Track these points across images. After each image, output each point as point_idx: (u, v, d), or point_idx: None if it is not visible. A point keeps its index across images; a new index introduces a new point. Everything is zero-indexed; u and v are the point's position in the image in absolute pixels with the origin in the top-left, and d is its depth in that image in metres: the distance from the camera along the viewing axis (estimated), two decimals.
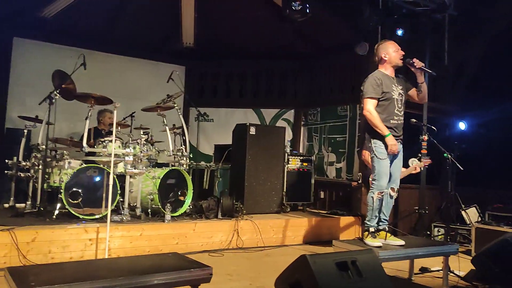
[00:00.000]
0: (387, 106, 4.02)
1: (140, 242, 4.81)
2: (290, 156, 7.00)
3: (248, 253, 5.30)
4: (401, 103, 4.10)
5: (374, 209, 4.03)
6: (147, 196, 5.35)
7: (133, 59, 8.36)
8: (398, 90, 4.08)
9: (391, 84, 4.06)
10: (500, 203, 6.56)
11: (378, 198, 4.02)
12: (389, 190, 4.11)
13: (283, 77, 8.88)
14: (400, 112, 4.07)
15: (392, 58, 4.10)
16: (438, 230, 6.73)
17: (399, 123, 4.08)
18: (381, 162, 3.99)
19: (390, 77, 4.11)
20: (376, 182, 4.01)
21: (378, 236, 4.05)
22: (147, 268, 2.83)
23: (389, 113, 4.02)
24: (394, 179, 4.12)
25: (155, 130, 6.22)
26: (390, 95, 4.02)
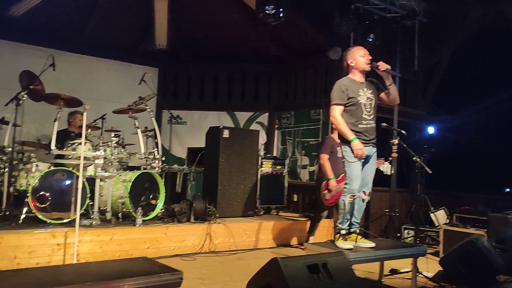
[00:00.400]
0: (354, 111, 4.07)
1: (110, 246, 4.72)
2: (264, 159, 7.02)
3: (220, 256, 5.28)
4: (370, 107, 4.12)
5: (346, 212, 4.07)
6: (118, 200, 5.26)
7: (105, 60, 8.22)
8: (366, 95, 4.11)
9: (358, 89, 4.10)
10: (467, 206, 6.74)
11: (349, 202, 4.05)
12: (361, 193, 4.15)
13: (257, 80, 8.90)
14: (369, 116, 4.11)
15: (358, 63, 4.14)
16: (408, 232, 6.85)
17: (368, 127, 4.11)
18: (351, 165, 4.03)
19: (358, 82, 4.15)
20: (348, 185, 4.05)
21: (349, 238, 4.09)
22: (116, 273, 2.77)
23: (357, 117, 4.07)
24: (366, 183, 4.16)
25: (126, 133, 6.12)
26: (357, 100, 4.06)
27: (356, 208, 4.14)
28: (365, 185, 4.14)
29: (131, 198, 5.25)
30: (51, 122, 5.00)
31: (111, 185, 5.30)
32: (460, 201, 7.06)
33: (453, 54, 7.78)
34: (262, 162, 6.95)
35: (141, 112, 5.96)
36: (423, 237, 6.67)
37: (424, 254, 4.24)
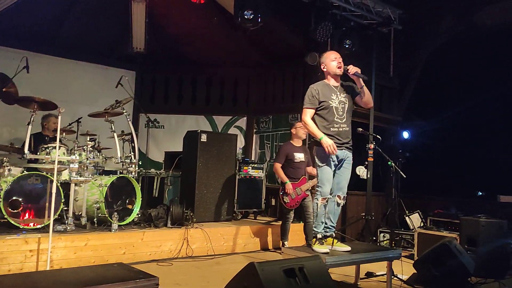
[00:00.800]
0: (326, 114, 4.13)
1: (84, 252, 4.65)
2: (242, 164, 7.02)
3: (197, 261, 5.25)
4: (343, 111, 4.17)
5: (319, 215, 4.11)
6: (93, 205, 5.18)
7: (81, 63, 8.10)
8: (339, 98, 4.17)
9: (330, 93, 4.17)
10: (440, 209, 6.88)
11: (322, 204, 4.10)
12: (336, 197, 4.19)
13: (235, 84, 8.91)
14: (341, 119, 4.15)
15: (330, 68, 4.22)
16: (383, 236, 6.96)
17: (341, 130, 4.15)
18: (322, 169, 4.09)
19: (331, 86, 4.22)
20: (319, 188, 4.10)
21: (325, 242, 4.13)
22: (91, 280, 2.73)
23: (329, 121, 4.13)
24: (341, 187, 4.20)
25: (102, 137, 6.04)
26: (328, 104, 4.12)
27: (331, 212, 4.19)
28: (340, 189, 4.19)
29: (107, 203, 5.19)
30: (25, 125, 4.90)
31: (86, 190, 5.22)
32: (434, 205, 7.21)
33: (427, 61, 7.95)
34: (240, 166, 6.96)
35: (117, 115, 5.90)
36: (398, 240, 6.79)
37: (398, 257, 4.31)
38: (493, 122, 7.11)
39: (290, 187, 5.69)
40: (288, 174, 5.79)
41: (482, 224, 5.16)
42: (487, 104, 7.24)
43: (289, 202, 5.73)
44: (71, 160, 5.03)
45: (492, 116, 7.14)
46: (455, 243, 4.44)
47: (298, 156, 5.84)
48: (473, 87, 7.44)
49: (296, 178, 5.81)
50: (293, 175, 5.81)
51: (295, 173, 5.82)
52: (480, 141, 7.22)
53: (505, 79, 7.08)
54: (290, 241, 5.98)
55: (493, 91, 7.22)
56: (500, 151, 6.88)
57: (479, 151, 7.19)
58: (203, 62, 8.62)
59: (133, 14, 7.11)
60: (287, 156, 5.82)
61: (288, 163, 5.83)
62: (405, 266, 4.57)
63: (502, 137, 6.92)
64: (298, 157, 5.84)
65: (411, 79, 8.18)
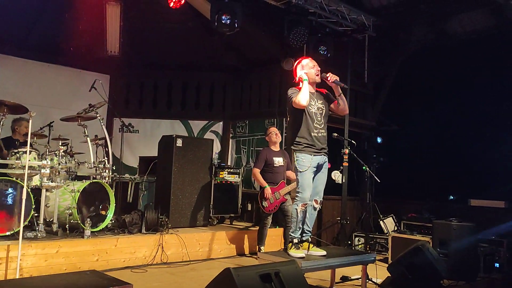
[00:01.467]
0: (306, 120, 4.18)
1: (56, 260, 4.53)
2: (218, 169, 7.00)
3: (172, 268, 5.18)
4: (321, 117, 4.24)
5: (298, 221, 4.13)
6: (65, 211, 5.06)
7: (53, 66, 7.92)
8: (317, 105, 4.23)
9: (309, 99, 4.20)
10: (414, 213, 7.00)
11: (302, 210, 4.12)
12: (313, 202, 4.22)
13: (211, 89, 8.88)
14: (320, 125, 4.22)
15: (308, 74, 4.25)
16: (358, 240, 7.03)
17: (319, 135, 4.21)
18: (302, 175, 4.11)
19: (309, 92, 4.24)
20: (300, 194, 4.12)
21: (301, 247, 4.15)
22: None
23: (308, 126, 4.17)
24: (317, 192, 4.24)
25: (75, 141, 5.93)
26: (307, 109, 4.18)
27: (308, 217, 4.21)
28: (316, 194, 4.22)
29: (79, 209, 5.08)
30: None
31: (58, 196, 5.10)
32: (407, 209, 7.33)
33: (400, 67, 8.11)
34: (216, 171, 6.93)
35: (91, 120, 5.81)
36: (373, 244, 6.87)
37: (373, 261, 4.36)
38: (464, 127, 7.29)
39: (269, 192, 5.69)
40: (267, 178, 5.79)
41: (453, 227, 5.26)
42: (458, 109, 7.44)
43: (267, 206, 5.72)
44: (42, 165, 4.91)
45: (463, 121, 7.33)
46: (428, 246, 4.52)
47: (277, 160, 5.86)
48: (445, 93, 7.63)
49: (275, 182, 5.82)
50: (272, 179, 5.81)
51: (274, 178, 5.83)
52: (451, 146, 7.40)
53: (475, 85, 7.29)
54: (267, 246, 5.97)
55: (464, 97, 7.42)
56: (471, 156, 7.07)
57: (451, 156, 7.37)
58: (179, 66, 8.56)
59: (108, 17, 7.01)
60: (266, 160, 5.83)
61: (267, 168, 5.84)
62: (379, 270, 4.62)
63: (473, 142, 7.10)
64: (277, 161, 5.86)
65: (385, 85, 8.32)
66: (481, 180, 6.86)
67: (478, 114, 7.18)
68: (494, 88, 7.00)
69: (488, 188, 6.68)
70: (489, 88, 7.08)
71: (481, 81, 7.22)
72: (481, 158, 6.88)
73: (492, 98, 6.95)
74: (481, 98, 7.15)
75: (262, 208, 5.75)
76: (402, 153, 8.07)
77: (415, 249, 4.42)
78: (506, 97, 6.76)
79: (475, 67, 7.29)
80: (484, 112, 7.09)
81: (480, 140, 7.03)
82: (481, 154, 6.92)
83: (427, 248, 4.46)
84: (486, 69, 7.15)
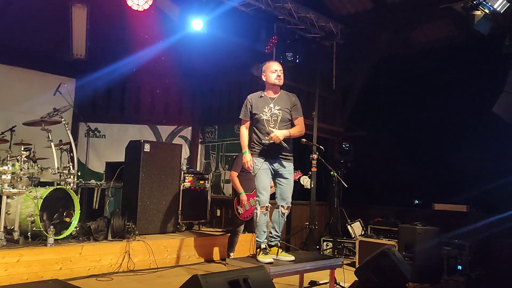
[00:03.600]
0: (259, 126, 4.22)
1: (17, 269, 4.37)
2: (186, 174, 6.93)
3: (139, 275, 5.09)
4: (275, 123, 4.17)
5: (260, 224, 4.13)
6: (27, 218, 4.88)
7: (16, 69, 7.67)
8: (272, 111, 4.19)
9: (263, 105, 4.21)
10: (380, 217, 7.13)
11: (262, 213, 4.12)
12: (280, 207, 4.23)
13: (180, 94, 8.81)
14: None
15: (268, 78, 4.25)
16: (327, 244, 7.10)
17: (272, 141, 4.13)
18: (256, 177, 4.16)
19: (266, 97, 4.25)
20: (257, 198, 4.15)
21: (270, 252, 4.15)
22: None
23: (261, 132, 4.20)
24: (284, 197, 4.23)
25: (38, 146, 5.77)
26: (259, 116, 4.20)
27: (276, 222, 4.23)
28: (283, 199, 4.23)
29: (42, 216, 4.92)
30: None
31: (20, 202, 4.92)
32: (374, 213, 7.45)
33: (368, 74, 8.28)
34: (185, 177, 6.86)
35: (55, 124, 5.67)
36: (341, 249, 6.95)
37: (341, 266, 4.41)
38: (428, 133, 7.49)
39: (245, 198, 5.61)
40: (243, 185, 5.70)
41: (418, 231, 5.38)
42: (423, 116, 7.65)
43: (243, 213, 5.66)
44: (3, 171, 4.75)
45: (427, 127, 7.53)
46: (393, 250, 4.60)
47: None
48: (410, 100, 7.83)
49: (249, 189, 5.69)
50: (248, 186, 5.69)
51: (250, 184, 5.66)
52: (416, 152, 7.58)
53: (438, 92, 7.52)
54: (236, 251, 5.94)
55: (428, 103, 7.64)
56: (435, 161, 7.27)
57: (415, 161, 7.55)
58: (147, 70, 8.45)
59: (74, 19, 6.88)
60: (242, 167, 5.76)
61: (243, 173, 5.74)
62: (347, 274, 4.68)
63: (437, 148, 7.31)
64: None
65: (353, 91, 8.46)
66: (445, 185, 7.06)
67: (442, 120, 7.39)
68: (457, 95, 7.24)
69: (451, 193, 6.88)
70: (452, 95, 7.31)
71: (444, 89, 7.45)
72: (445, 164, 7.09)
73: (455, 105, 7.18)
74: (444, 105, 7.38)
75: (237, 214, 5.67)
76: (369, 158, 8.21)
77: (381, 253, 4.49)
78: (468, 104, 7.00)
79: (438, 75, 7.52)
80: (447, 118, 7.31)
81: (443, 146, 7.24)
82: (445, 159, 7.12)
83: (393, 252, 4.54)
84: (448, 77, 7.38)
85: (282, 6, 6.43)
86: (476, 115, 6.82)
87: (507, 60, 5.73)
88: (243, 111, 4.27)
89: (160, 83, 8.72)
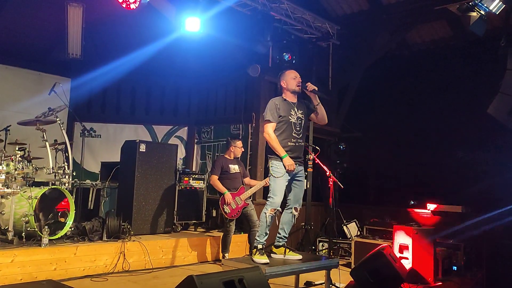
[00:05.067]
0: (285, 129, 4.25)
1: (11, 269, 4.34)
2: (182, 175, 6.91)
3: (134, 276, 5.07)
4: (300, 127, 4.32)
5: (266, 226, 4.16)
6: (22, 218, 4.86)
7: (10, 68, 7.60)
8: (297, 115, 4.32)
9: (289, 108, 4.30)
10: (376, 218, 7.14)
11: (270, 215, 4.15)
12: (293, 210, 4.28)
13: (176, 94, 8.78)
14: (298, 135, 4.30)
15: (289, 85, 4.35)
16: (322, 245, 7.10)
17: (297, 145, 4.28)
18: (277, 180, 4.16)
19: (289, 102, 4.34)
20: (271, 199, 4.16)
21: (277, 252, 4.23)
22: None
23: (287, 135, 4.24)
24: (297, 200, 4.31)
25: (33, 146, 5.73)
26: (288, 119, 4.26)
27: (287, 223, 4.29)
28: (297, 201, 4.31)
29: (37, 216, 4.90)
30: None
31: (14, 202, 4.90)
32: (370, 214, 7.46)
33: (364, 75, 8.30)
34: (181, 177, 6.84)
35: (50, 124, 5.64)
36: (337, 249, 6.95)
37: (336, 266, 4.41)
38: (424, 134, 7.51)
39: (230, 197, 5.69)
40: (226, 185, 5.79)
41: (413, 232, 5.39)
42: (419, 116, 7.67)
43: (230, 212, 5.71)
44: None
45: (424, 128, 7.55)
46: (389, 251, 4.61)
47: (233, 167, 5.92)
48: (406, 100, 7.85)
49: (234, 188, 5.83)
50: (231, 185, 5.83)
51: (232, 184, 5.85)
52: (412, 153, 7.60)
53: (434, 93, 7.54)
54: (231, 252, 5.94)
55: (424, 105, 7.66)
56: (430, 162, 7.29)
57: (411, 162, 7.57)
58: (143, 70, 8.42)
59: (69, 18, 6.84)
60: (222, 168, 5.87)
61: (224, 175, 5.86)
62: (342, 275, 4.67)
63: (433, 148, 7.33)
64: (233, 168, 5.91)
65: (349, 92, 8.48)
66: (440, 185, 7.07)
67: (437, 121, 7.42)
68: (452, 96, 7.26)
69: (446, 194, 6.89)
70: (447, 96, 7.33)
71: (439, 90, 7.47)
72: (440, 164, 7.10)
73: (450, 106, 7.21)
74: (439, 106, 7.40)
75: (224, 214, 5.73)
76: (365, 159, 8.23)
77: (377, 253, 4.50)
78: (464, 105, 7.02)
79: (434, 76, 7.54)
80: (443, 119, 7.33)
81: (438, 147, 7.27)
82: (440, 160, 7.14)
83: (389, 252, 4.55)
84: (444, 78, 7.41)
85: (279, 7, 6.43)
86: (471, 116, 6.84)
87: (502, 61, 5.75)
88: (271, 113, 4.24)
89: (156, 83, 8.69)
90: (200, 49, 7.71)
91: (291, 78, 4.36)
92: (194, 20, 5.81)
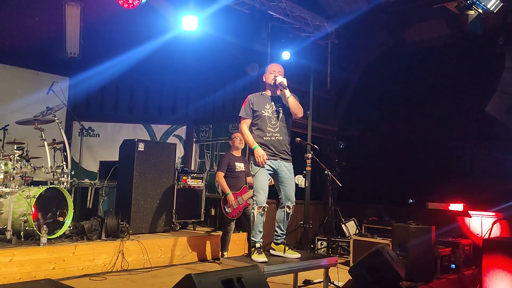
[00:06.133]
0: (259, 123, 4.24)
1: (9, 269, 4.34)
2: (181, 174, 6.91)
3: (133, 275, 5.07)
4: (276, 120, 4.24)
5: (256, 224, 4.14)
6: (20, 218, 4.85)
7: (8, 67, 7.60)
8: (273, 108, 4.27)
9: (264, 102, 4.28)
10: (374, 216, 7.14)
11: (258, 213, 4.12)
12: (286, 208, 4.26)
13: (175, 93, 8.78)
14: (274, 129, 4.22)
15: (267, 79, 4.38)
16: (321, 243, 7.10)
17: (274, 139, 4.21)
18: (256, 177, 4.14)
19: (266, 96, 4.34)
20: (255, 197, 4.15)
21: (277, 249, 4.23)
22: None
23: (262, 129, 4.23)
24: (289, 197, 4.27)
25: (31, 145, 5.72)
26: (261, 113, 4.24)
27: (282, 221, 4.28)
28: (288, 199, 4.26)
29: (35, 216, 4.88)
30: None
31: (13, 202, 4.89)
32: (368, 212, 7.46)
33: (362, 74, 8.29)
34: (179, 176, 6.84)
35: (49, 123, 5.63)
36: (335, 248, 6.96)
37: (335, 265, 4.41)
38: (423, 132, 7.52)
39: (232, 199, 5.69)
40: (229, 183, 5.78)
41: (412, 230, 5.40)
42: (417, 115, 7.67)
43: (231, 212, 5.70)
44: None
45: (422, 126, 7.56)
46: (387, 249, 4.61)
47: (238, 165, 5.88)
48: (404, 99, 7.85)
49: (237, 187, 5.82)
50: (234, 184, 5.82)
51: (236, 183, 5.83)
52: (410, 151, 7.61)
53: (432, 92, 7.54)
54: (230, 251, 5.94)
55: (422, 103, 7.67)
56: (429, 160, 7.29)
57: (409, 160, 7.57)
58: (141, 69, 8.41)
59: (67, 17, 6.84)
60: (228, 165, 5.84)
61: (229, 173, 5.84)
62: (341, 273, 4.68)
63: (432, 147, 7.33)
64: (239, 166, 5.88)
65: (347, 91, 8.48)
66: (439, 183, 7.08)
67: (436, 119, 7.42)
68: (450, 94, 7.27)
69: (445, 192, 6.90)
70: (446, 95, 7.34)
71: (438, 88, 7.47)
72: (439, 162, 7.11)
73: (448, 104, 7.21)
74: (438, 104, 7.40)
75: (225, 213, 5.73)
76: (363, 158, 8.23)
77: (375, 252, 4.50)
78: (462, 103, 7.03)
79: (432, 74, 7.54)
80: (441, 117, 7.34)
81: (437, 145, 7.27)
82: (439, 158, 7.15)
83: (387, 250, 4.55)
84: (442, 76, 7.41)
85: (277, 5, 6.42)
86: (470, 115, 6.85)
87: (500, 60, 5.75)
88: (244, 109, 4.28)
89: (154, 82, 8.68)
90: (198, 48, 7.69)
91: (269, 73, 4.36)
92: (192, 18, 5.78)
